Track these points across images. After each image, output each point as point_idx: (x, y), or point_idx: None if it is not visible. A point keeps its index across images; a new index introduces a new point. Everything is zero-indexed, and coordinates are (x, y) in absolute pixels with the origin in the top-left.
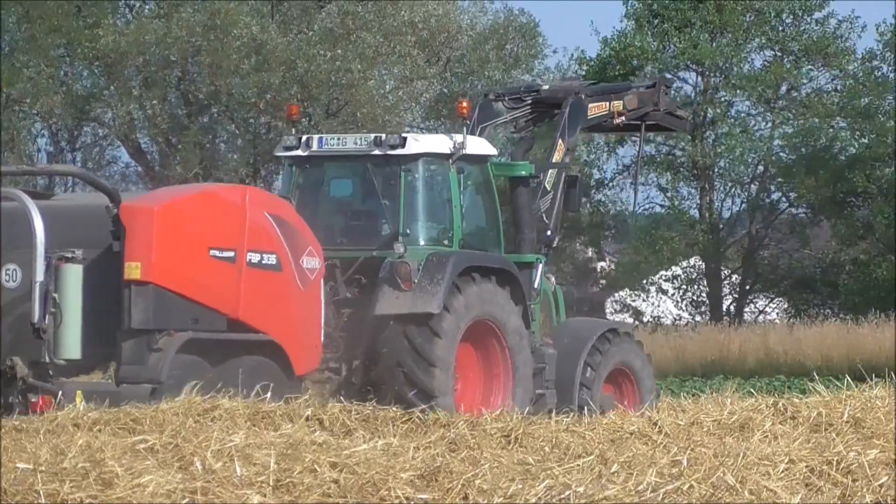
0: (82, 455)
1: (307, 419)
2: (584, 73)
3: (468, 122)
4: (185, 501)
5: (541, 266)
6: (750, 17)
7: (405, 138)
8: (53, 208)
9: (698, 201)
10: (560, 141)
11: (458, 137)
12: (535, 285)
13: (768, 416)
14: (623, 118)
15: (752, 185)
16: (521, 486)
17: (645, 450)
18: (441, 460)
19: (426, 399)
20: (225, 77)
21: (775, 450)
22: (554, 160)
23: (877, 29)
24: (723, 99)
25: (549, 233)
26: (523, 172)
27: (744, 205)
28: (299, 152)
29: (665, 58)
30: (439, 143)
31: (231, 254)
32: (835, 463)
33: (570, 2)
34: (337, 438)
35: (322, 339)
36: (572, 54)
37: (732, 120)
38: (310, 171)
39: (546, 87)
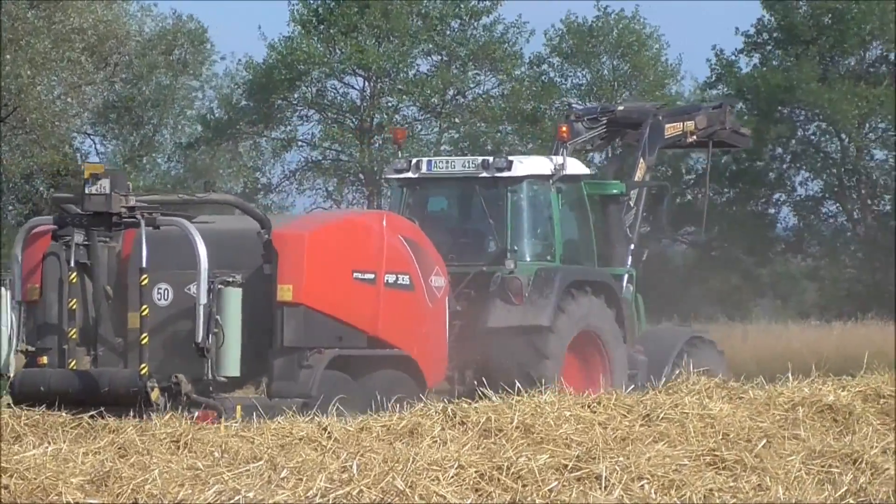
0: None
1: None
2: (250, 77)
3: (567, 144)
4: None
5: (626, 277)
6: (416, 21)
7: (511, 161)
8: (208, 233)
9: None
10: (641, 160)
11: (559, 159)
12: (626, 297)
13: (438, 422)
14: (694, 137)
15: None
16: (190, 491)
17: (315, 455)
18: (111, 465)
19: (535, 384)
20: None
21: (445, 455)
22: (636, 178)
23: (545, 34)
24: (389, 104)
25: (631, 246)
26: (615, 191)
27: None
28: (409, 174)
29: (332, 62)
30: (542, 165)
31: (371, 276)
32: (505, 468)
33: (238, 3)
34: (6, 444)
35: (447, 352)
36: (240, 59)
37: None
38: (419, 192)
39: (621, 108)
